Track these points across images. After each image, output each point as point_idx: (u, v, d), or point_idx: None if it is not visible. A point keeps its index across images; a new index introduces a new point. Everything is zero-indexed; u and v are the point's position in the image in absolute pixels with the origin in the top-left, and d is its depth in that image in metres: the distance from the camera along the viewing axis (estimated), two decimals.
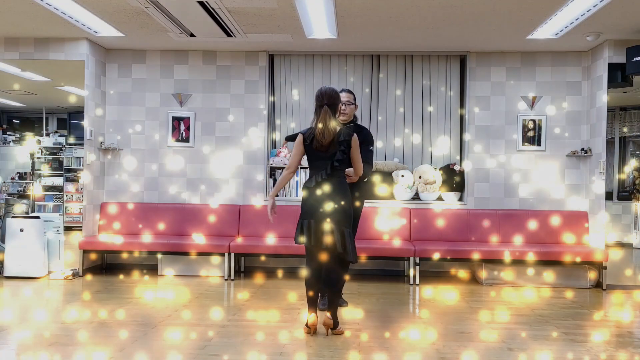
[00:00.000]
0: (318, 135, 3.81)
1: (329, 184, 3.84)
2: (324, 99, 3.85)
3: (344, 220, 3.85)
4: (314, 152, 3.88)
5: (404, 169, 6.43)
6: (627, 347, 3.72)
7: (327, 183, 3.84)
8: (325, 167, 3.85)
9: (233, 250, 5.86)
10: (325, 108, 3.83)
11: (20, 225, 5.81)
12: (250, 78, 6.48)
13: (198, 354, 3.42)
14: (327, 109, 3.83)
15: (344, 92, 4.49)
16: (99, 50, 6.33)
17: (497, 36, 5.67)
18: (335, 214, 3.80)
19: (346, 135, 3.83)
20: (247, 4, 4.74)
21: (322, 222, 3.80)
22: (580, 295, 5.45)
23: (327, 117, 3.81)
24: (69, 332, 3.87)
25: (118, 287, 5.49)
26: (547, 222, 6.15)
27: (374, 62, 6.57)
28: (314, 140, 3.84)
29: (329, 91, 3.87)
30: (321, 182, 3.85)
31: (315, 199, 3.84)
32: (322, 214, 3.80)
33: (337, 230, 3.80)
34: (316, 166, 3.91)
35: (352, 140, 3.85)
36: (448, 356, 3.46)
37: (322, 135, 3.80)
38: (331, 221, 3.79)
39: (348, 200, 3.89)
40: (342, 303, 4.70)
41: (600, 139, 5.88)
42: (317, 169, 3.90)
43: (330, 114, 3.83)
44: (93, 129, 6.24)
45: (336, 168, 3.86)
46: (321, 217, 3.80)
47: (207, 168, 6.50)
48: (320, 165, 3.88)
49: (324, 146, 3.82)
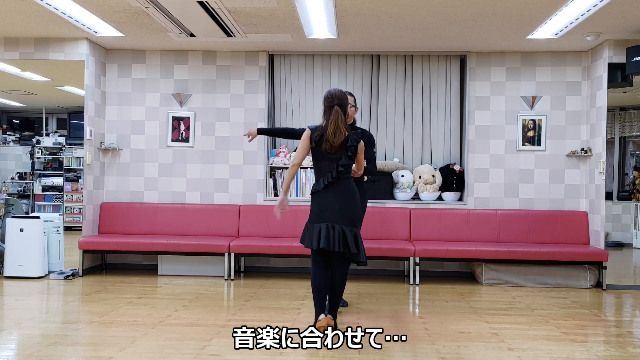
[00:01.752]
0: (329, 137, 3.74)
1: (338, 185, 3.82)
2: (334, 99, 3.80)
3: (357, 222, 3.86)
4: (320, 153, 3.84)
5: (404, 169, 6.43)
6: (627, 347, 3.72)
7: (337, 185, 3.82)
8: (331, 169, 3.83)
9: (233, 250, 5.86)
10: (337, 108, 3.77)
11: (20, 225, 5.81)
12: (250, 78, 6.48)
13: (198, 354, 3.42)
14: (339, 110, 3.77)
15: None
16: (98, 50, 6.33)
17: (497, 36, 5.68)
18: (348, 216, 3.79)
19: (354, 141, 3.81)
20: (247, 4, 4.74)
21: (335, 225, 3.76)
22: (580, 295, 5.45)
23: (339, 117, 3.76)
24: (69, 332, 3.87)
25: (118, 287, 5.49)
26: (547, 222, 6.14)
27: (374, 62, 6.57)
28: (323, 141, 3.78)
29: (338, 92, 3.82)
30: (330, 185, 3.82)
31: (325, 202, 3.81)
32: (335, 217, 3.77)
33: (350, 232, 3.78)
34: (322, 167, 3.88)
35: (358, 146, 3.85)
36: (448, 356, 3.46)
37: (334, 136, 3.74)
38: (344, 223, 3.78)
39: (358, 201, 3.90)
40: (343, 303, 4.71)
41: (600, 139, 5.88)
42: (322, 171, 3.87)
43: (342, 114, 3.78)
44: (93, 129, 6.24)
45: (342, 171, 3.83)
46: (334, 220, 3.77)
47: (207, 168, 6.50)
48: (326, 167, 3.85)
49: (334, 148, 3.78)
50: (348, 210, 3.81)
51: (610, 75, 5.77)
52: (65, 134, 10.00)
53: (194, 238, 6.04)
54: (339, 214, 3.78)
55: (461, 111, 6.51)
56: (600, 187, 5.88)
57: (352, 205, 3.83)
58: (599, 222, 5.89)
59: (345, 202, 3.81)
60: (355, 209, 3.86)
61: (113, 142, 6.51)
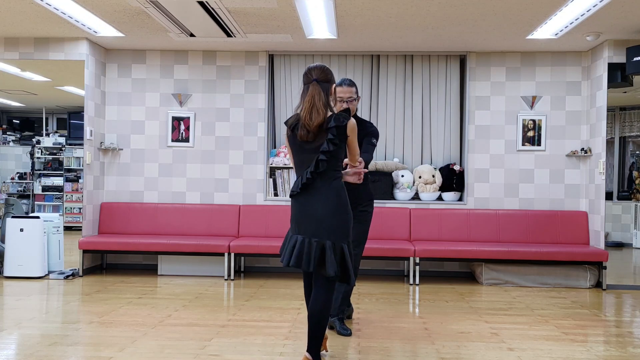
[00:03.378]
0: (305, 118, 2.94)
1: (319, 187, 2.98)
2: (312, 74, 2.99)
3: (341, 233, 2.99)
4: (298, 144, 3.04)
5: (404, 169, 6.44)
6: (627, 347, 3.72)
7: (318, 186, 2.98)
8: (310, 163, 2.99)
9: (233, 250, 5.86)
10: (314, 83, 2.97)
11: (20, 225, 5.81)
12: (250, 78, 6.48)
13: (198, 354, 3.42)
14: (317, 85, 2.97)
15: (345, 86, 3.88)
16: (98, 50, 6.33)
17: (497, 36, 5.68)
18: (329, 227, 2.96)
19: (338, 121, 2.92)
20: (247, 4, 4.74)
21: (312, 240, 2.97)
22: (580, 295, 5.45)
23: (316, 93, 2.95)
24: (69, 332, 3.87)
25: (118, 287, 5.49)
26: (547, 222, 6.15)
27: (374, 62, 6.57)
28: (298, 128, 2.99)
29: (319, 66, 3.01)
30: (307, 185, 3.00)
31: (300, 208, 3.02)
32: (312, 229, 2.97)
33: (330, 248, 2.95)
34: (300, 162, 3.06)
35: (347, 126, 2.96)
36: (448, 356, 3.46)
37: (310, 117, 2.93)
38: (325, 237, 2.96)
39: (344, 206, 3.02)
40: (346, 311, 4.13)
41: (600, 139, 5.88)
42: (300, 167, 3.06)
43: (321, 90, 2.97)
44: (93, 129, 6.24)
45: (322, 162, 2.95)
46: (311, 233, 2.98)
47: (207, 168, 6.50)
48: (304, 161, 3.03)
49: (311, 133, 2.95)
50: (330, 219, 2.96)
51: (610, 75, 5.77)
52: (65, 134, 10.00)
53: (194, 238, 6.04)
54: (317, 225, 2.96)
55: (461, 111, 6.52)
56: (600, 187, 5.88)
57: (336, 212, 2.97)
58: (599, 222, 5.89)
59: (326, 208, 2.96)
60: (341, 217, 2.99)
61: (113, 142, 6.51)
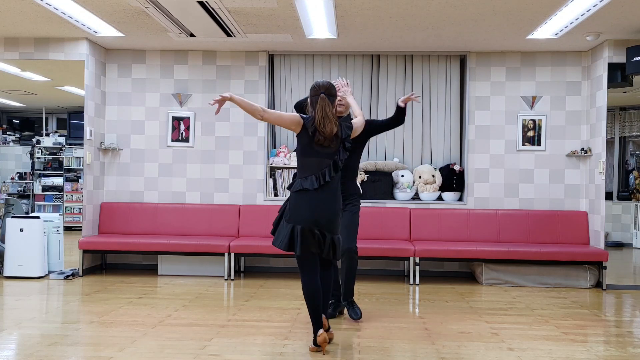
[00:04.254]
0: (319, 125, 3.46)
1: (333, 188, 3.57)
2: (320, 89, 3.54)
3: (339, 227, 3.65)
4: (312, 146, 3.53)
5: (403, 169, 6.44)
6: (627, 347, 3.72)
7: (331, 187, 3.56)
8: (326, 166, 3.53)
9: (233, 250, 5.86)
10: (323, 96, 3.50)
11: (20, 225, 5.81)
12: (250, 78, 6.48)
13: (198, 354, 3.42)
14: (325, 98, 3.51)
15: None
16: (98, 50, 6.33)
17: (497, 36, 5.68)
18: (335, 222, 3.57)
19: (347, 129, 3.61)
20: (247, 4, 4.74)
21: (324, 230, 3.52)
22: (580, 295, 5.45)
23: (326, 105, 3.49)
24: (69, 332, 3.87)
25: (118, 287, 5.49)
26: (547, 222, 6.15)
27: (374, 62, 6.57)
28: (315, 133, 3.49)
29: (325, 83, 3.57)
30: (325, 185, 3.52)
31: (321, 204, 3.50)
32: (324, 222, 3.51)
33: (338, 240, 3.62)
34: (312, 164, 3.55)
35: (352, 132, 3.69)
36: (448, 356, 3.46)
37: (323, 124, 3.46)
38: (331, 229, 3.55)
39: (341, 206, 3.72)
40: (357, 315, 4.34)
41: (600, 139, 5.88)
42: (313, 168, 3.54)
43: (329, 102, 3.51)
44: (93, 129, 6.25)
45: (338, 169, 3.59)
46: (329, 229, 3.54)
47: (207, 168, 6.50)
48: (315, 164, 3.54)
49: (327, 139, 3.49)
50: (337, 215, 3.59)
51: (610, 75, 5.77)
52: (65, 134, 10.01)
53: (194, 238, 6.04)
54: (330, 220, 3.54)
55: (461, 111, 6.52)
56: (600, 187, 5.88)
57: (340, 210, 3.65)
58: (599, 222, 5.89)
59: (337, 209, 3.59)
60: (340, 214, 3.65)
61: (113, 142, 6.51)
